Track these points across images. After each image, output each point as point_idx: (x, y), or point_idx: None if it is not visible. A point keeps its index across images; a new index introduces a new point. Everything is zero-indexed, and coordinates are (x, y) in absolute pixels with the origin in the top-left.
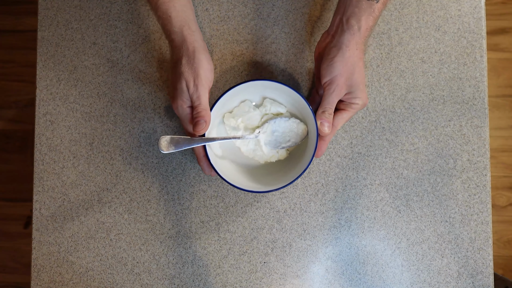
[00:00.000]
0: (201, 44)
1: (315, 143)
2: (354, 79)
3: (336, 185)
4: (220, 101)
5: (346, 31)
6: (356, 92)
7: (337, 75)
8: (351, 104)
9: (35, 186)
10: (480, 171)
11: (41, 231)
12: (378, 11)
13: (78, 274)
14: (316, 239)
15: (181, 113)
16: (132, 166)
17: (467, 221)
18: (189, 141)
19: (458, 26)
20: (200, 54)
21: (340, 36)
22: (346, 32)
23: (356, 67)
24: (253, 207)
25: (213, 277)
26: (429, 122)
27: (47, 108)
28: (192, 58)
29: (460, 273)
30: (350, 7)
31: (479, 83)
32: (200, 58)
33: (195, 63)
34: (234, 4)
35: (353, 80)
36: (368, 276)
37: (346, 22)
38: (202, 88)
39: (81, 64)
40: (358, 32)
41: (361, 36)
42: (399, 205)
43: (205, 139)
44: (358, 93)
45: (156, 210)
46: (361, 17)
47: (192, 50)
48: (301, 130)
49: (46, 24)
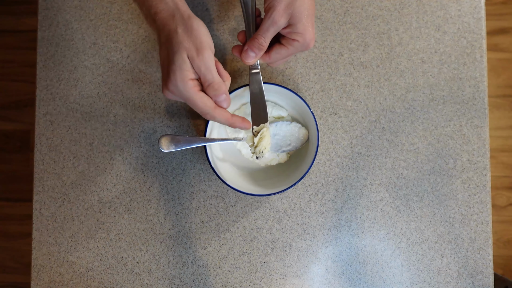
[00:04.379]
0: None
1: (316, 148)
2: (296, 8)
3: (336, 185)
4: None
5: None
6: (297, 26)
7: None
8: (290, 40)
9: (35, 186)
10: (480, 171)
11: (41, 231)
12: None
13: (78, 274)
14: (316, 239)
15: (182, 88)
16: (132, 166)
17: (467, 221)
18: (189, 140)
19: (458, 26)
20: (197, 20)
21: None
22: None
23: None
24: (253, 207)
25: (213, 277)
26: (429, 122)
27: (47, 108)
28: (190, 25)
29: (460, 273)
30: None
31: (479, 83)
32: (199, 24)
33: (194, 29)
34: (234, 4)
35: (295, 9)
36: (368, 276)
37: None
38: (209, 58)
39: (81, 64)
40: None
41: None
42: (399, 205)
43: (206, 139)
44: (299, 27)
45: (156, 210)
46: None
47: (188, 17)
48: (302, 134)
49: (46, 24)
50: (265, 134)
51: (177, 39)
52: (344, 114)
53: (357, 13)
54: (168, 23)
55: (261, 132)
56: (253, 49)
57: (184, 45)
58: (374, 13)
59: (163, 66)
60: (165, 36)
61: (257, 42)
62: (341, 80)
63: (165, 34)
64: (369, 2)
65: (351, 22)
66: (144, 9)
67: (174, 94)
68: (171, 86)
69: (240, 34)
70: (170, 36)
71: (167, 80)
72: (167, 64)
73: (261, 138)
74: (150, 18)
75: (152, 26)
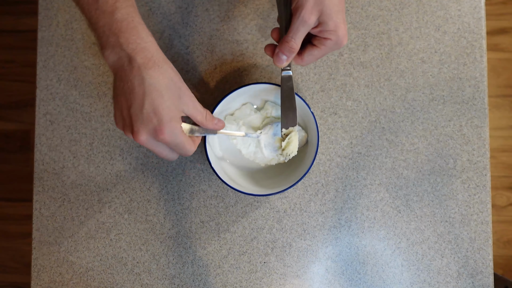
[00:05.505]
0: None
1: (316, 148)
2: (325, 5)
3: (336, 185)
4: (222, 103)
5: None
6: (328, 23)
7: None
8: (322, 39)
9: (35, 186)
10: (480, 171)
11: (41, 231)
12: None
13: (78, 274)
14: (316, 239)
15: (178, 133)
16: (132, 166)
17: (467, 221)
18: (203, 130)
19: (458, 26)
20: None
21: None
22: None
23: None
24: (253, 207)
25: (213, 277)
26: (429, 122)
27: (47, 108)
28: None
29: (460, 273)
30: None
31: (479, 83)
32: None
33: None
34: (234, 4)
35: (324, 6)
36: (368, 276)
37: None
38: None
39: (81, 64)
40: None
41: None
42: (399, 205)
43: (209, 130)
44: (330, 24)
45: (156, 210)
46: None
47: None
48: (300, 137)
49: (46, 24)
50: (293, 138)
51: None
52: (344, 114)
53: (357, 13)
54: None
55: (290, 136)
56: (284, 53)
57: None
58: (374, 13)
59: (149, 111)
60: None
61: (288, 45)
62: (341, 80)
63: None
64: (369, 2)
65: (351, 22)
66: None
67: (148, 143)
68: (160, 138)
69: (274, 31)
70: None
71: (156, 131)
72: (156, 113)
73: (289, 142)
74: (131, 52)
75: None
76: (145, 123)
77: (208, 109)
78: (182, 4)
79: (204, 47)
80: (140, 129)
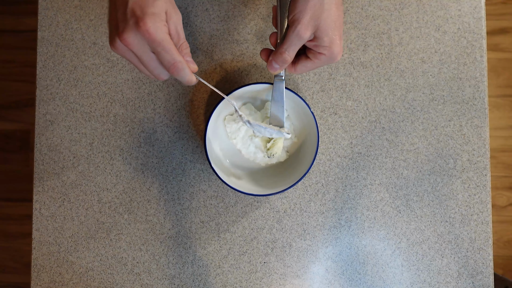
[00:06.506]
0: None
1: (316, 148)
2: (322, 20)
3: (336, 185)
4: (222, 103)
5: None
6: (323, 39)
7: (301, 11)
8: (316, 53)
9: (35, 186)
10: (480, 171)
11: (41, 231)
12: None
13: (78, 274)
14: (316, 239)
15: (155, 31)
16: (132, 166)
17: (467, 221)
18: None
19: (458, 26)
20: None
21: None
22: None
23: (325, 5)
24: (253, 207)
25: (213, 277)
26: (429, 122)
27: (47, 108)
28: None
29: (460, 273)
30: None
31: (479, 83)
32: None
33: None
34: (234, 4)
35: (321, 21)
36: (368, 276)
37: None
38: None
39: (81, 64)
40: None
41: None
42: (399, 205)
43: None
44: (325, 40)
45: (156, 210)
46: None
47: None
48: (291, 142)
49: (46, 24)
50: (277, 140)
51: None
52: (344, 114)
53: (357, 13)
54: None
55: (275, 138)
56: (277, 62)
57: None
58: (374, 13)
59: (129, 8)
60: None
61: (281, 57)
62: (341, 80)
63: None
64: (369, 2)
65: (351, 22)
66: None
67: (133, 42)
68: (142, 29)
69: (272, 36)
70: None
71: (138, 22)
72: (140, 6)
73: (274, 143)
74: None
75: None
76: (129, 18)
77: (208, 109)
78: (182, 4)
79: (204, 47)
80: (125, 28)
